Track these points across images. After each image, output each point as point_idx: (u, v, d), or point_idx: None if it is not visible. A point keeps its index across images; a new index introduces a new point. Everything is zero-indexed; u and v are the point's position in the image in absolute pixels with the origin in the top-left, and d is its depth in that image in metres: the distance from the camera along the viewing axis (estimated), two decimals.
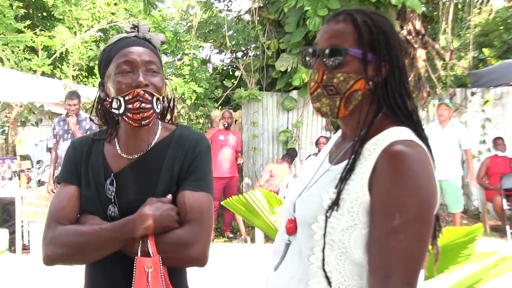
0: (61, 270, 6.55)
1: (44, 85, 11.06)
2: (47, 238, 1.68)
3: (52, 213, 1.70)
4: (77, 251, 1.63)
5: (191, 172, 1.70)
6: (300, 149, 10.08)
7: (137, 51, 1.67)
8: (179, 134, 1.77)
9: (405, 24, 9.77)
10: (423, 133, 1.41)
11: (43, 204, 7.72)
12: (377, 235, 1.28)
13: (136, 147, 1.74)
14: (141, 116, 1.64)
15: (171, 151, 1.72)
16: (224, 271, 6.34)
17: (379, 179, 1.30)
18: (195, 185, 1.68)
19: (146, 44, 1.72)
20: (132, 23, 1.76)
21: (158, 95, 1.66)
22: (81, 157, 1.77)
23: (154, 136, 1.76)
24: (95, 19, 15.16)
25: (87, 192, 1.72)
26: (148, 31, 1.76)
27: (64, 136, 7.39)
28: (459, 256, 2.36)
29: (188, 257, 1.61)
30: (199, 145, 1.74)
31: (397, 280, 1.23)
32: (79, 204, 1.72)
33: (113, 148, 1.77)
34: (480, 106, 10.08)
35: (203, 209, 1.66)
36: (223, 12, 12.90)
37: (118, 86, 1.64)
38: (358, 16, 1.43)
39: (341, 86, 1.41)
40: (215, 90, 11.18)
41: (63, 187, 1.75)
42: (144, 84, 1.63)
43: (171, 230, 1.62)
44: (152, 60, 1.67)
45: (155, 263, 1.58)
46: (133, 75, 1.64)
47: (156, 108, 1.66)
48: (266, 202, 2.96)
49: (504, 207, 8.39)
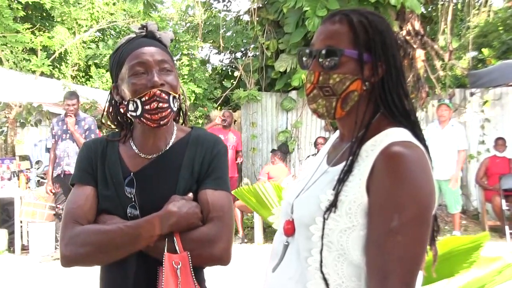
0: (60, 271, 6.55)
1: (43, 85, 11.06)
2: (65, 238, 1.62)
3: (69, 213, 1.66)
4: (100, 250, 1.58)
5: (211, 171, 1.70)
6: (299, 149, 10.09)
7: (149, 51, 1.66)
8: (195, 134, 1.78)
9: (404, 25, 9.78)
10: (421, 134, 1.41)
11: (42, 204, 7.72)
12: (375, 237, 1.27)
13: (154, 147, 1.73)
14: (159, 116, 1.64)
15: (189, 151, 1.72)
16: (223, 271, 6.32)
17: (377, 181, 1.29)
18: (216, 184, 1.69)
19: (157, 43, 1.71)
20: (141, 24, 1.76)
21: (174, 93, 1.67)
22: (96, 157, 1.75)
23: (171, 135, 1.76)
24: (94, 19, 15.14)
25: (106, 192, 1.69)
26: (157, 30, 1.75)
27: (63, 136, 7.38)
28: (464, 262, 2.35)
29: (212, 255, 1.61)
30: (216, 145, 1.75)
31: (395, 281, 1.22)
32: (96, 203, 1.69)
33: (129, 149, 1.76)
34: (479, 107, 10.09)
35: (225, 207, 1.67)
36: (222, 12, 12.90)
37: (134, 88, 1.64)
38: (354, 16, 1.42)
39: (337, 87, 1.41)
40: (214, 90, 11.19)
41: (78, 188, 1.72)
42: (160, 84, 1.62)
43: (195, 228, 1.61)
44: (164, 59, 1.67)
45: (184, 259, 1.57)
46: (147, 76, 1.64)
47: (173, 107, 1.67)
48: (275, 195, 2.99)
49: (503, 207, 8.38)
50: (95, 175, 1.73)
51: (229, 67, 12.77)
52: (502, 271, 2.37)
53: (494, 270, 2.38)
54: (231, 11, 13.71)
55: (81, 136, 7.22)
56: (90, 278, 1.71)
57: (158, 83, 1.62)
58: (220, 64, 13.32)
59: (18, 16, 12.89)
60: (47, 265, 7.11)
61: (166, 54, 1.70)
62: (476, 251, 2.35)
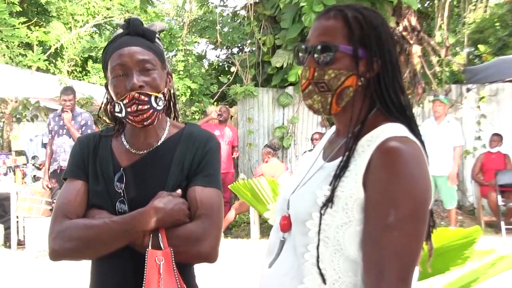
0: (56, 265, 6.55)
1: (39, 80, 11.04)
2: (54, 232, 1.62)
3: (59, 208, 1.67)
4: (86, 245, 1.59)
5: (202, 168, 1.69)
6: (295, 145, 10.09)
7: (129, 52, 1.63)
8: (188, 131, 1.76)
9: (400, 20, 9.78)
10: (417, 129, 1.41)
11: (38, 199, 7.71)
12: (372, 232, 1.28)
13: (145, 143, 1.73)
14: (141, 118, 1.63)
15: (181, 147, 1.71)
16: (219, 267, 6.33)
17: (373, 176, 1.29)
18: (206, 181, 1.68)
19: (140, 40, 1.68)
20: (124, 19, 1.74)
21: (155, 93, 1.64)
22: (88, 152, 1.75)
23: (163, 131, 1.75)
24: (90, 14, 15.11)
25: (96, 187, 1.70)
26: (141, 25, 1.70)
27: (59, 131, 7.37)
28: (459, 258, 2.36)
29: (198, 252, 1.60)
30: (209, 142, 1.73)
31: (391, 276, 1.23)
32: (86, 198, 1.69)
33: (121, 144, 1.76)
34: (475, 102, 10.10)
35: (214, 205, 1.65)
36: (218, 8, 12.87)
37: (115, 91, 1.64)
38: (348, 12, 1.42)
39: (332, 83, 1.41)
40: (210, 86, 11.17)
41: (70, 182, 1.72)
42: (139, 86, 1.61)
43: (182, 225, 1.61)
44: (145, 58, 1.64)
45: (167, 256, 1.56)
46: (127, 78, 1.62)
47: (156, 106, 1.65)
48: (270, 190, 2.99)
49: (499, 203, 8.41)
50: (86, 170, 1.73)
51: (225, 63, 12.75)
52: (495, 263, 2.38)
53: (487, 263, 2.40)
54: (227, 6, 13.70)
55: (78, 132, 7.20)
56: (85, 273, 1.71)
57: (136, 85, 1.60)
58: (216, 60, 13.30)
59: (14, 11, 12.85)
60: (43, 260, 7.10)
61: (148, 52, 1.66)
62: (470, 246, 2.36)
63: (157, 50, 1.70)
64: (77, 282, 5.78)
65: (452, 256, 2.35)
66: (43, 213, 7.68)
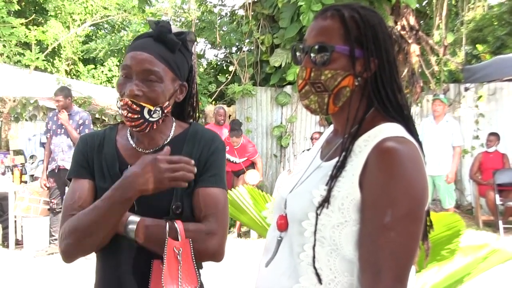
0: (55, 265, 6.55)
1: (37, 79, 11.02)
2: (60, 235, 1.62)
3: (66, 210, 1.65)
4: (84, 233, 1.56)
5: (208, 168, 1.69)
6: (294, 144, 10.09)
7: (139, 58, 1.61)
8: (194, 130, 1.76)
9: (399, 19, 9.78)
10: (414, 129, 1.41)
11: (36, 199, 7.70)
12: (369, 232, 1.28)
13: (152, 141, 1.73)
14: (131, 125, 1.63)
15: (187, 146, 1.71)
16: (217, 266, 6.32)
17: (370, 176, 1.29)
18: (212, 180, 1.68)
19: (158, 48, 1.64)
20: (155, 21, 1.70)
21: (150, 105, 1.62)
22: (92, 151, 1.74)
23: (169, 130, 1.75)
24: (88, 13, 15.10)
25: (103, 184, 1.68)
26: (168, 32, 1.66)
27: (58, 131, 7.35)
28: (444, 250, 2.36)
29: (205, 250, 1.60)
30: (215, 142, 1.74)
31: (388, 276, 1.23)
32: (92, 197, 1.68)
33: (126, 142, 1.75)
34: (473, 102, 10.10)
35: (219, 204, 1.66)
36: (217, 7, 12.86)
37: (117, 88, 1.65)
38: (345, 12, 1.42)
39: (329, 83, 1.41)
40: (209, 85, 11.16)
41: (75, 182, 1.71)
42: (134, 95, 1.59)
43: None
44: (152, 69, 1.61)
45: (185, 245, 1.56)
46: (128, 81, 1.62)
47: (149, 118, 1.63)
48: (250, 198, 2.97)
49: (497, 202, 8.42)
50: (91, 169, 1.72)
51: (224, 62, 12.75)
52: (487, 257, 2.38)
53: (480, 257, 2.40)
54: (226, 5, 13.68)
55: (75, 131, 7.19)
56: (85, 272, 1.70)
57: (132, 93, 1.59)
58: (215, 59, 13.30)
59: (12, 10, 12.83)
60: (42, 259, 7.10)
61: (159, 63, 1.62)
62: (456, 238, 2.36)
63: (172, 61, 1.66)
64: (76, 282, 5.78)
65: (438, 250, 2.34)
66: (41, 213, 7.67)
